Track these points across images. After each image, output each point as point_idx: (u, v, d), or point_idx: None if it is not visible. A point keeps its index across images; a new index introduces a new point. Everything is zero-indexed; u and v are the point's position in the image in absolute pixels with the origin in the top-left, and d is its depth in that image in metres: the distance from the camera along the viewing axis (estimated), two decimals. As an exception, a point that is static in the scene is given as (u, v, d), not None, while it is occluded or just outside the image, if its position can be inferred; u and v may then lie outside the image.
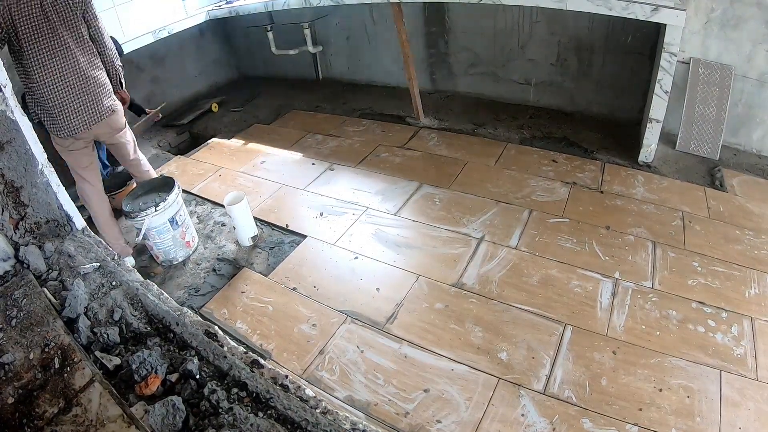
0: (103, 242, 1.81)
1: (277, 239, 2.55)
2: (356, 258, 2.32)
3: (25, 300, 1.52)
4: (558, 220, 2.41)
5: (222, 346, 1.38)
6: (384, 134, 3.43)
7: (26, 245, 1.73)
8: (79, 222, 1.91)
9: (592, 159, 2.87)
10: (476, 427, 1.56)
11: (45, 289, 1.58)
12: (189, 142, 4.09)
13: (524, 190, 2.64)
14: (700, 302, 1.91)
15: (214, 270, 2.37)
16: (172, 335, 1.45)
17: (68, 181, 2.02)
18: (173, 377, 1.29)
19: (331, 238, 2.47)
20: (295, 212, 2.73)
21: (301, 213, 2.71)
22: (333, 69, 4.49)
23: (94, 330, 1.44)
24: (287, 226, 2.61)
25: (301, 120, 3.87)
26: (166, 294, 1.59)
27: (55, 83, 2.06)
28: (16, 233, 1.72)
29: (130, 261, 2.45)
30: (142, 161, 2.59)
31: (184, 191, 2.78)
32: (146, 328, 1.47)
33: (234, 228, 2.48)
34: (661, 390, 1.61)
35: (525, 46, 3.35)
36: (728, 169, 2.69)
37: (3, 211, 1.68)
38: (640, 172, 2.72)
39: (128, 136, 2.52)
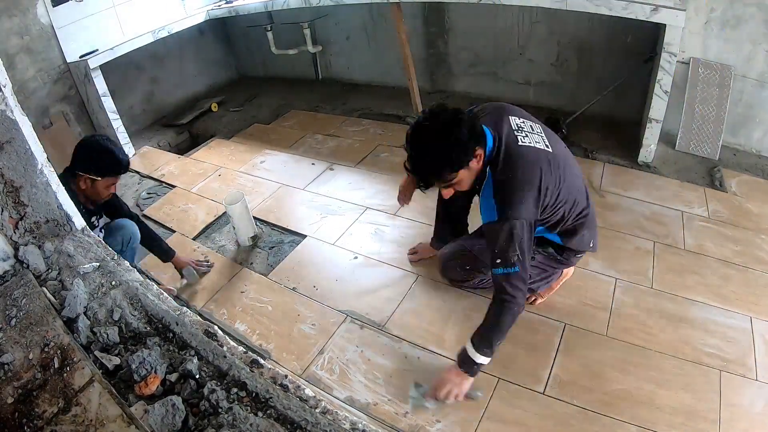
0: (103, 243, 1.81)
1: (277, 239, 2.55)
2: (356, 258, 2.32)
3: (24, 300, 1.52)
4: (558, 220, 2.40)
5: (222, 345, 1.38)
6: (384, 134, 3.43)
7: (26, 245, 1.72)
8: (79, 222, 1.90)
9: (592, 159, 2.87)
10: (476, 426, 1.56)
11: (44, 289, 1.58)
12: (189, 142, 4.09)
13: (524, 190, 2.64)
14: (699, 302, 1.91)
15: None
16: (171, 335, 1.45)
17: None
18: (173, 377, 1.29)
19: (331, 238, 2.47)
20: (294, 212, 2.73)
21: (301, 213, 2.71)
22: (333, 69, 4.48)
23: (94, 330, 1.44)
24: (287, 225, 2.61)
25: (300, 120, 3.87)
26: (165, 294, 1.59)
27: None
28: (15, 233, 1.72)
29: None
30: None
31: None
32: (146, 328, 1.47)
33: (234, 228, 2.48)
34: (661, 390, 1.61)
35: (525, 46, 3.35)
36: (728, 169, 2.69)
37: (2, 210, 1.68)
38: (640, 172, 2.71)
39: None
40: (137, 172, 3.38)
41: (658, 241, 2.23)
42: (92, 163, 1.80)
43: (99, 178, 1.82)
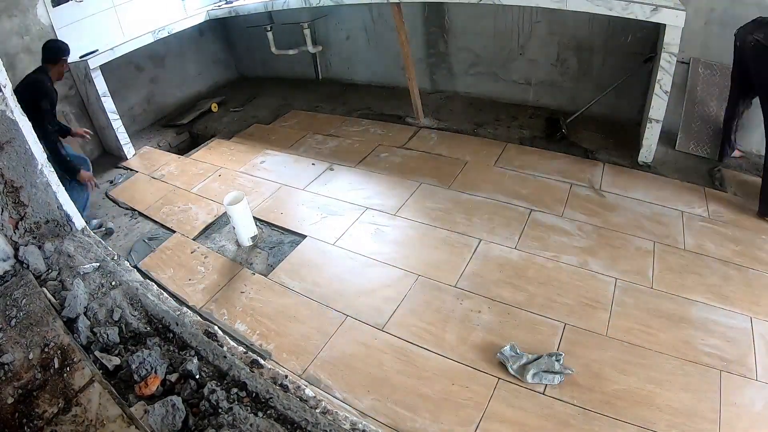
0: (103, 243, 1.81)
1: (277, 239, 2.55)
2: (356, 258, 2.32)
3: (24, 300, 1.52)
4: (557, 220, 2.41)
5: (222, 346, 1.38)
6: (384, 134, 3.43)
7: (26, 245, 1.73)
8: (79, 222, 1.91)
9: (592, 159, 2.87)
10: (476, 426, 1.56)
11: (45, 289, 1.58)
12: (189, 142, 4.09)
13: (524, 190, 2.64)
14: (699, 302, 1.91)
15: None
16: (171, 335, 1.45)
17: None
18: (173, 377, 1.30)
19: (331, 238, 2.47)
20: (294, 212, 2.73)
21: (301, 213, 2.71)
22: (333, 69, 4.49)
23: (94, 330, 1.44)
24: (287, 226, 2.61)
25: (300, 120, 3.87)
26: (165, 294, 1.59)
27: None
28: (15, 233, 1.73)
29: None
30: None
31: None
32: (146, 328, 1.47)
33: (234, 228, 2.48)
34: (661, 390, 1.61)
35: (525, 46, 3.35)
36: (728, 169, 2.69)
37: (3, 211, 1.69)
38: (640, 172, 2.71)
39: None
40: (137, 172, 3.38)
41: (658, 241, 2.23)
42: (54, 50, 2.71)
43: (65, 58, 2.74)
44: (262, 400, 1.21)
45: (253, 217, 2.54)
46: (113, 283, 1.63)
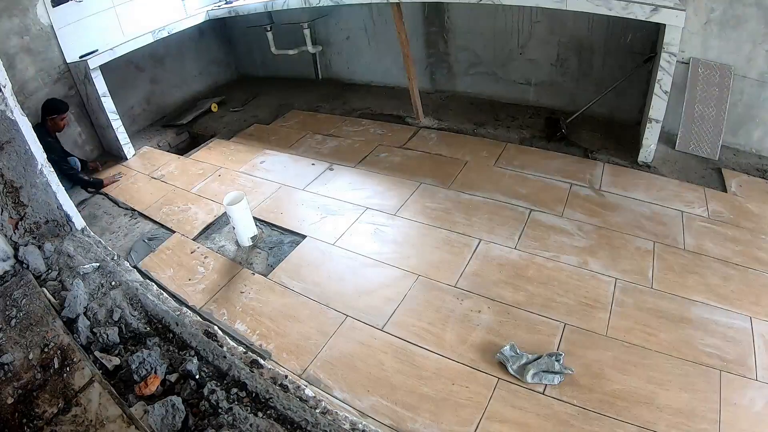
0: (103, 243, 1.81)
1: (277, 239, 2.55)
2: (356, 258, 2.32)
3: (24, 300, 1.52)
4: (557, 220, 2.41)
5: (221, 346, 1.38)
6: (384, 134, 3.43)
7: (26, 245, 1.73)
8: (79, 222, 1.91)
9: (592, 159, 2.87)
10: (476, 426, 1.56)
11: (44, 289, 1.58)
12: (189, 142, 4.09)
13: (524, 190, 2.64)
14: (699, 302, 1.91)
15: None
16: (171, 335, 1.45)
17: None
18: (173, 377, 1.30)
19: (331, 238, 2.47)
20: (294, 212, 2.73)
21: (301, 213, 2.71)
22: (333, 69, 4.49)
23: (94, 330, 1.44)
24: (287, 226, 2.61)
25: (300, 120, 3.87)
26: (165, 294, 1.59)
27: None
28: (15, 233, 1.73)
29: None
30: None
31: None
32: (146, 328, 1.47)
33: (233, 228, 2.48)
34: (661, 390, 1.61)
35: (525, 46, 3.35)
36: (728, 169, 2.69)
37: (2, 211, 1.69)
38: (640, 172, 2.71)
39: None
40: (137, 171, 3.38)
41: (658, 241, 2.23)
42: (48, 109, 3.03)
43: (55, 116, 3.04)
44: (262, 400, 1.21)
45: (253, 217, 2.54)
46: (113, 283, 1.63)
